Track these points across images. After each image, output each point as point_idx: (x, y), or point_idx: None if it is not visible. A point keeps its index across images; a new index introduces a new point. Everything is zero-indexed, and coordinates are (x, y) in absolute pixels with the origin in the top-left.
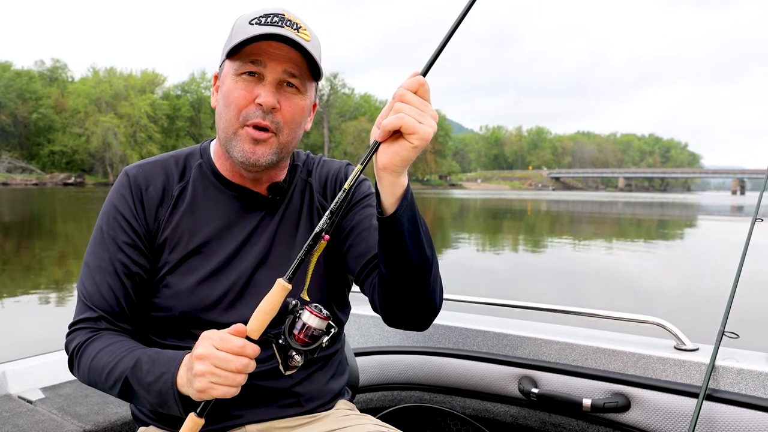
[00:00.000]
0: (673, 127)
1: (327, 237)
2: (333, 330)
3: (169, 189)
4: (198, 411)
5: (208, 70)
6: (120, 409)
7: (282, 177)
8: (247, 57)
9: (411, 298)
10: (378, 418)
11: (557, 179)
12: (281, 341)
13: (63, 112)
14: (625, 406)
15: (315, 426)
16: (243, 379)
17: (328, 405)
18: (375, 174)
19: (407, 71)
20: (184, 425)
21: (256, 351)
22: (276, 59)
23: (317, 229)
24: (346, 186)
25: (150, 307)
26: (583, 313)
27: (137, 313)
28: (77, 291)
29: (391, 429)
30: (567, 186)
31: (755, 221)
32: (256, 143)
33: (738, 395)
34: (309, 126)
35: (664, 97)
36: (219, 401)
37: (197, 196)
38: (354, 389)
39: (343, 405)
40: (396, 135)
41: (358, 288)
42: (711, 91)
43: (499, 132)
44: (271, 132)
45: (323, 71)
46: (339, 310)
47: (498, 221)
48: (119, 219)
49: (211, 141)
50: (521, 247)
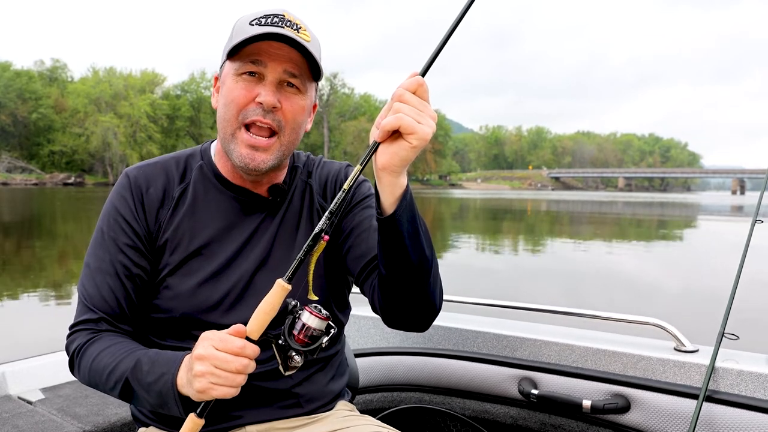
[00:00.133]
0: (673, 127)
1: (326, 237)
2: (333, 330)
3: (170, 190)
4: (198, 411)
5: (208, 70)
6: (120, 410)
7: (282, 178)
8: (248, 57)
9: (411, 298)
10: (378, 419)
11: (557, 179)
12: (281, 342)
13: (63, 112)
14: (625, 407)
15: (315, 427)
16: (243, 380)
17: (328, 406)
18: (374, 174)
19: (407, 71)
20: (184, 426)
21: (255, 351)
22: (276, 59)
23: (317, 230)
24: (345, 186)
25: (150, 309)
26: (583, 315)
27: (138, 315)
28: (78, 292)
29: (391, 430)
30: (567, 186)
31: (755, 222)
32: (255, 150)
33: (738, 397)
34: (309, 126)
35: (664, 97)
36: (219, 402)
37: (198, 197)
38: (354, 390)
39: (343, 406)
40: (395, 135)
41: (358, 289)
42: (711, 91)
43: (499, 132)
44: (273, 131)
45: (323, 71)
46: (339, 311)
47: (498, 221)
48: (120, 220)
49: (212, 142)
50: (521, 248)
